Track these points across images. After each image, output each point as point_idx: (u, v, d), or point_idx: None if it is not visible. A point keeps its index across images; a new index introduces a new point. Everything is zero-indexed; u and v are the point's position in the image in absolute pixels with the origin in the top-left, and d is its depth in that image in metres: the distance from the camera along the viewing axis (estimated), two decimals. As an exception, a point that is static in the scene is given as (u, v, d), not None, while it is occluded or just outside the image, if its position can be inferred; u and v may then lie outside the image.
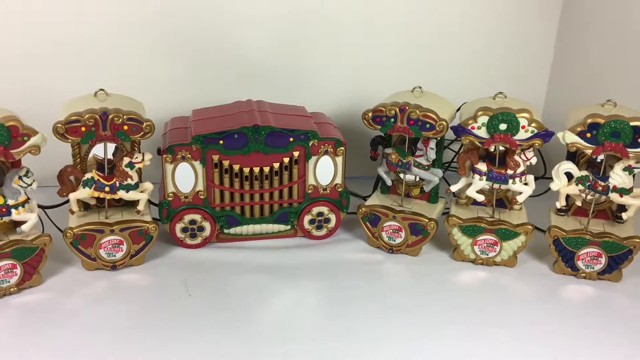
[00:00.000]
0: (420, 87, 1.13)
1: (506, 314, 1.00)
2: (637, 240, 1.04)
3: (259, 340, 0.92)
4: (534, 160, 1.05)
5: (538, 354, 0.91)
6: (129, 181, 1.05)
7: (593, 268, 1.07)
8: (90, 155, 1.08)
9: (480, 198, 1.09)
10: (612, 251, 1.05)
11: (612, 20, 1.26)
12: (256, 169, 1.12)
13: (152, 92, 1.28)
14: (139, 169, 1.07)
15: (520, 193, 1.08)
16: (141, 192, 1.08)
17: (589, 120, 0.99)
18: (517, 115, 1.00)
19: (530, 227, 1.08)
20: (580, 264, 1.07)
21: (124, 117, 0.99)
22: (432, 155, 1.09)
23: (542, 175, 1.32)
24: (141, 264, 1.09)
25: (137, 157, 1.05)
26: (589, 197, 1.06)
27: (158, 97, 1.29)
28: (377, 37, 1.36)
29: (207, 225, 1.14)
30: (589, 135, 0.99)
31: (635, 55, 1.20)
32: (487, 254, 1.11)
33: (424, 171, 1.11)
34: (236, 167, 1.11)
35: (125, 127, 0.99)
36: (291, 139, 1.11)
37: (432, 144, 1.08)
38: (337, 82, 1.38)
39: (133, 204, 1.10)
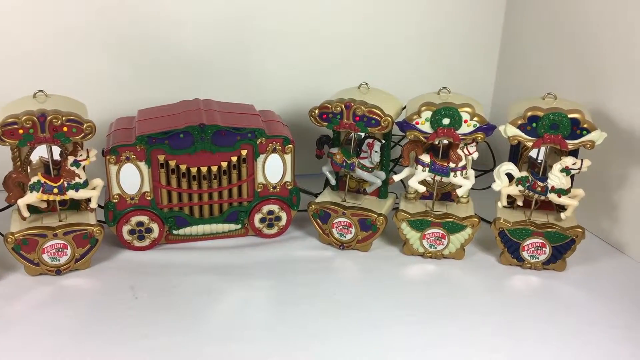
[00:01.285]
0: (366, 84, 1.13)
1: (454, 305, 1.01)
2: (579, 230, 1.06)
3: (206, 341, 0.91)
4: (475, 155, 1.07)
5: (485, 343, 0.92)
6: (77, 180, 1.03)
7: (538, 258, 1.09)
8: (36, 158, 1.05)
9: (422, 189, 1.10)
10: (555, 241, 1.07)
11: (554, 16, 1.29)
12: (204, 169, 1.11)
13: (98, 92, 1.26)
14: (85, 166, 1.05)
15: (461, 186, 1.09)
16: (92, 189, 1.05)
17: (529, 113, 1.00)
18: (459, 110, 1.02)
19: (476, 219, 1.10)
20: (525, 254, 1.09)
21: (63, 118, 0.97)
22: (376, 158, 1.10)
23: (491, 168, 1.34)
24: (87, 267, 1.08)
25: (81, 155, 1.02)
26: (530, 196, 1.08)
27: (104, 97, 1.27)
28: (325, 35, 1.36)
29: (155, 227, 1.13)
30: (529, 128, 1.01)
31: (576, 50, 1.22)
32: (436, 248, 1.12)
33: (367, 173, 1.12)
34: (183, 167, 1.10)
35: (65, 129, 0.97)
36: (238, 138, 1.10)
37: (377, 147, 1.09)
38: (287, 80, 1.38)
39: (78, 206, 1.09)
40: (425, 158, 1.08)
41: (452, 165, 1.07)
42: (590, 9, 1.18)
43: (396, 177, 1.12)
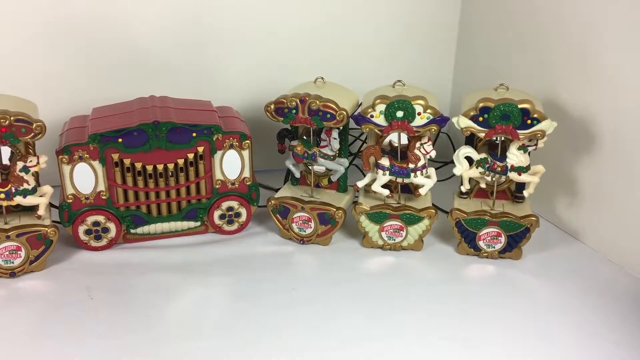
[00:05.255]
0: (322, 78, 1.13)
1: (412, 296, 1.02)
2: (534, 218, 1.08)
3: (163, 340, 0.90)
4: (433, 154, 1.07)
5: (442, 332, 0.93)
6: (25, 186, 1.01)
7: (494, 247, 1.11)
8: None
9: (385, 192, 1.10)
10: (510, 230, 1.09)
11: (509, 8, 1.30)
12: (160, 166, 1.10)
13: (53, 92, 1.25)
14: (36, 172, 1.03)
15: (423, 186, 1.10)
16: (40, 196, 1.04)
17: (481, 104, 1.01)
18: (412, 102, 1.02)
19: (433, 210, 1.10)
20: (481, 244, 1.11)
21: (11, 118, 0.95)
22: (336, 145, 1.10)
23: (451, 160, 1.35)
24: (42, 269, 1.06)
25: (31, 161, 1.01)
26: (492, 179, 1.09)
27: (60, 97, 1.25)
28: (284, 30, 1.36)
29: (112, 226, 1.11)
30: (481, 119, 1.02)
31: (530, 42, 1.24)
32: (394, 239, 1.13)
33: (330, 161, 1.12)
34: (138, 165, 1.09)
35: (14, 129, 0.96)
36: (194, 134, 1.09)
37: (335, 133, 1.09)
38: (247, 76, 1.37)
39: (32, 208, 1.07)
40: (385, 162, 1.09)
41: (411, 166, 1.08)
42: (541, 4, 1.20)
43: (360, 183, 1.13)
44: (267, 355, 0.88)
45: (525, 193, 1.09)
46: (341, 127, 1.09)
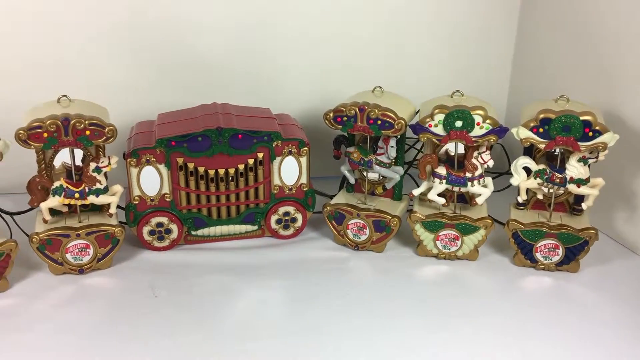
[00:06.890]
0: (380, 87, 1.15)
1: (467, 306, 1.02)
2: (593, 231, 1.07)
3: (222, 340, 0.93)
4: (491, 163, 1.08)
5: (498, 344, 0.93)
6: (98, 186, 1.06)
7: (551, 259, 1.10)
8: (59, 163, 1.09)
9: (441, 201, 1.11)
10: (568, 242, 1.08)
11: (569, 17, 1.29)
12: (221, 171, 1.14)
13: (120, 97, 1.30)
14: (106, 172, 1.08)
15: (480, 195, 1.10)
16: (112, 195, 1.09)
17: (541, 116, 1.01)
18: (471, 113, 1.03)
19: (489, 221, 1.11)
20: (538, 255, 1.10)
21: (86, 122, 1.00)
22: (393, 153, 1.12)
23: (506, 171, 1.35)
24: (109, 267, 1.11)
25: (103, 162, 1.06)
26: (550, 190, 1.08)
27: (126, 102, 1.30)
28: (341, 39, 1.38)
29: (174, 228, 1.15)
30: (541, 130, 1.02)
31: (591, 52, 1.23)
32: (449, 249, 1.14)
33: (385, 169, 1.14)
34: (201, 170, 1.13)
35: (87, 132, 1.00)
36: (255, 141, 1.13)
37: (393, 142, 1.11)
38: (304, 84, 1.40)
39: (99, 207, 1.12)
40: (442, 171, 1.09)
41: (468, 175, 1.08)
42: (605, 10, 1.19)
43: (415, 192, 1.14)
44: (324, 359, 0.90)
45: (584, 206, 1.08)
46: (399, 136, 1.11)
